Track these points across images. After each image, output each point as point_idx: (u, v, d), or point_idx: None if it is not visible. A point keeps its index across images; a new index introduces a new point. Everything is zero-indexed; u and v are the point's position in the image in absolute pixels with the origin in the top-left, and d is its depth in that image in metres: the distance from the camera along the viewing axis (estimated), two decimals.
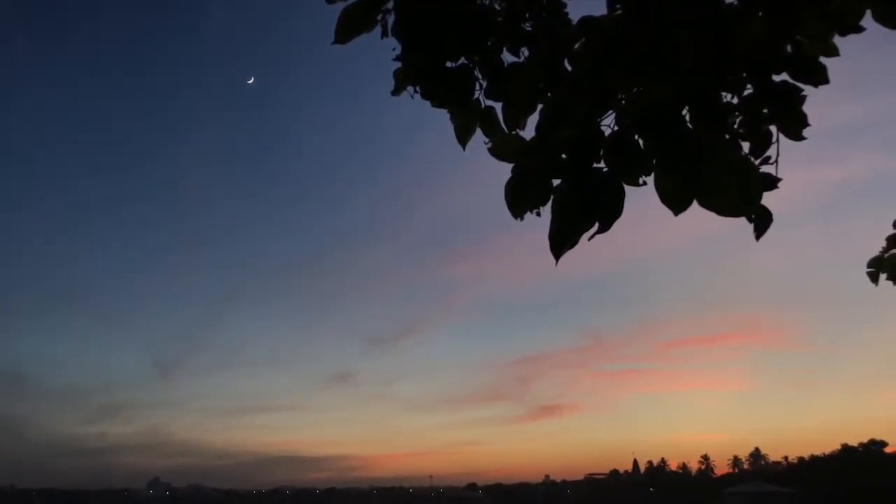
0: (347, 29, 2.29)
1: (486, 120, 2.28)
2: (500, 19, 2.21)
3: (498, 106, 2.28)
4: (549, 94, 2.14)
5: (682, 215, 2.17)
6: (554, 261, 2.18)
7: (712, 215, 2.01)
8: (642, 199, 2.20)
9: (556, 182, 2.09)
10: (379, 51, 2.43)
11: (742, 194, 1.92)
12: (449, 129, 2.38)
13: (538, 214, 2.09)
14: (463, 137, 2.31)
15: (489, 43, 2.21)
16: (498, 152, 2.09)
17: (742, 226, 2.15)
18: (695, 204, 2.01)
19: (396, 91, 2.31)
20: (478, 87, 2.26)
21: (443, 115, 2.38)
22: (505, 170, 2.19)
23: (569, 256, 2.23)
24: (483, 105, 2.29)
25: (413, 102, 2.38)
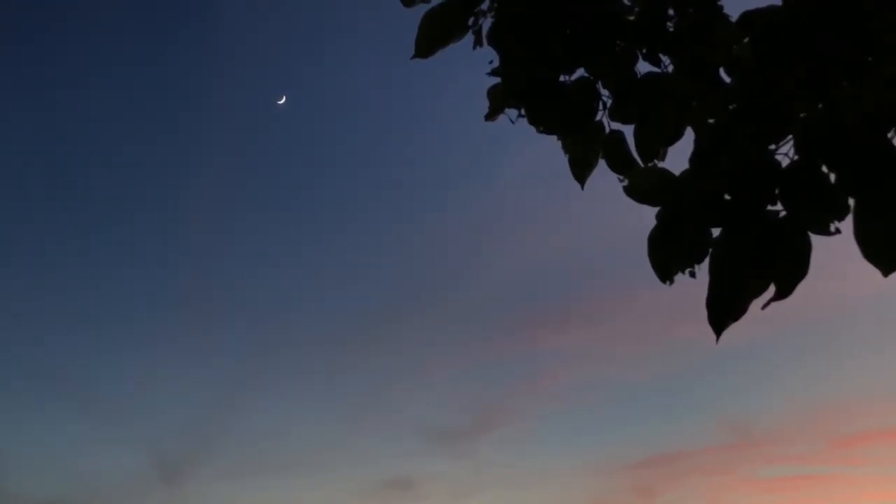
0: (432, 38, 2.00)
1: (613, 149, 1.93)
2: (631, 17, 1.86)
3: (628, 130, 1.92)
4: (701, 114, 1.76)
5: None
6: (710, 331, 1.78)
7: None
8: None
9: (716, 231, 1.70)
10: (452, 59, 2.10)
11: None
12: (537, 157, 2.03)
13: (692, 275, 1.70)
14: (581, 172, 1.96)
15: (617, 48, 1.86)
16: (638, 192, 1.75)
17: None
18: None
19: (491, 115, 1.99)
20: (601, 106, 1.91)
21: (535, 140, 2.02)
22: (609, 206, 1.81)
23: (702, 315, 1.84)
24: (608, 129, 1.93)
25: (491, 124, 2.05)
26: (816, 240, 1.75)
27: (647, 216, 1.89)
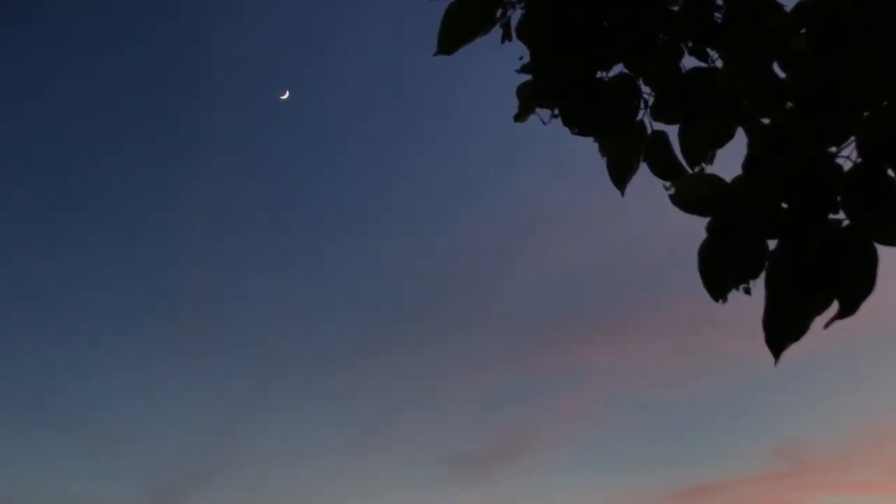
0: (456, 33, 1.87)
1: (655, 151, 1.80)
2: (675, 8, 1.72)
3: (672, 131, 1.78)
4: (753, 113, 1.62)
5: None
6: (771, 352, 1.65)
7: None
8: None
9: (772, 244, 1.57)
10: (474, 53, 1.98)
11: None
12: (568, 158, 1.89)
13: (748, 292, 1.57)
14: (621, 176, 1.83)
15: (660, 42, 1.72)
16: (686, 201, 1.62)
17: None
18: None
19: (521, 115, 1.86)
20: (642, 104, 1.78)
21: (567, 140, 1.91)
22: (648, 211, 1.69)
23: (753, 324, 1.72)
24: (650, 130, 1.80)
25: (514, 122, 1.92)
26: (883, 250, 1.61)
27: (691, 222, 1.76)
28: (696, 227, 1.75)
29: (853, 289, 1.56)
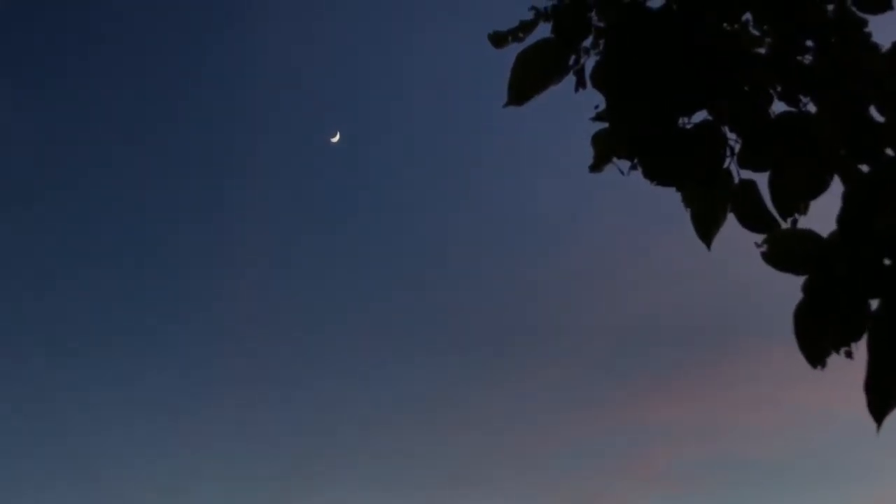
0: (528, 81, 1.87)
1: (744, 202, 1.76)
2: (762, 50, 1.69)
3: (761, 180, 1.74)
4: (850, 161, 1.57)
5: None
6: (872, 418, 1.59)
7: None
8: None
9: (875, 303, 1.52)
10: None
11: None
12: (644, 198, 1.85)
13: (849, 355, 1.52)
14: (707, 229, 1.78)
15: (747, 86, 1.69)
16: (780, 259, 1.58)
17: None
18: None
19: (598, 165, 1.84)
20: (728, 152, 1.73)
21: (646, 183, 1.86)
22: (728, 254, 1.64)
23: (851, 377, 1.66)
24: (737, 179, 1.75)
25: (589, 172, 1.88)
26: None
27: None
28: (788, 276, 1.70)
29: None
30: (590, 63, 1.83)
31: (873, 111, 1.63)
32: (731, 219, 1.80)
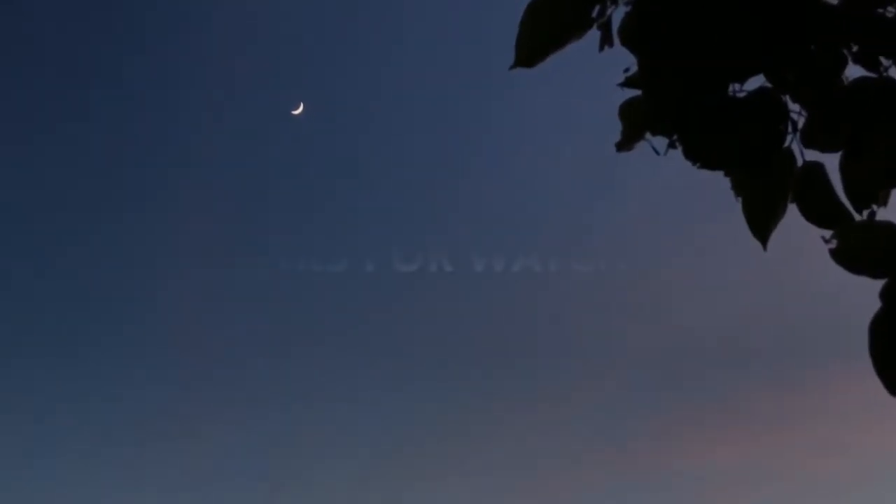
0: (540, 38, 1.57)
1: (809, 190, 1.49)
2: (834, 1, 1.39)
3: (831, 162, 1.45)
4: None
5: None
6: None
7: None
8: None
9: None
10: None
11: None
12: (684, 191, 1.54)
13: None
14: (762, 223, 1.50)
15: (812, 45, 1.39)
16: (852, 258, 1.37)
17: None
18: None
19: (626, 143, 1.55)
20: (789, 127, 1.44)
21: (682, 169, 1.59)
22: (791, 259, 1.38)
23: None
24: (801, 161, 1.46)
25: (616, 151, 1.60)
26: None
27: (856, 281, 1.42)
28: (862, 287, 1.42)
29: None
30: (618, 14, 1.52)
31: None
32: (792, 210, 1.51)
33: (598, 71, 1.60)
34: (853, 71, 1.44)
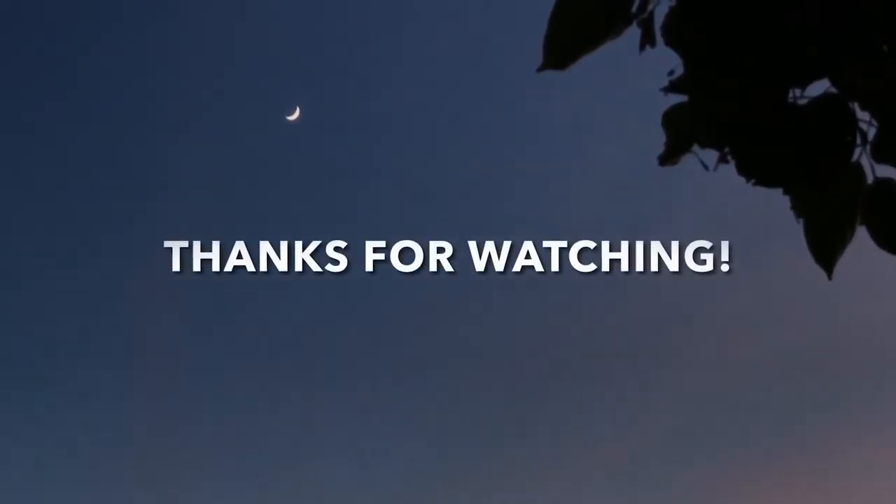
0: (572, 37, 1.44)
1: (881, 210, 1.34)
2: None
3: None
4: None
5: None
6: None
7: None
8: None
9: None
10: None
11: None
12: (739, 207, 1.38)
13: None
14: (827, 247, 1.37)
15: (887, 45, 1.25)
16: None
17: None
18: None
19: (671, 156, 1.42)
20: (858, 139, 1.30)
21: (722, 182, 1.46)
22: (862, 291, 1.19)
23: None
24: (871, 178, 1.32)
25: (658, 165, 1.48)
26: None
27: None
28: None
29: None
30: (661, 10, 1.39)
31: None
32: (861, 233, 1.37)
33: (638, 74, 1.44)
34: None
